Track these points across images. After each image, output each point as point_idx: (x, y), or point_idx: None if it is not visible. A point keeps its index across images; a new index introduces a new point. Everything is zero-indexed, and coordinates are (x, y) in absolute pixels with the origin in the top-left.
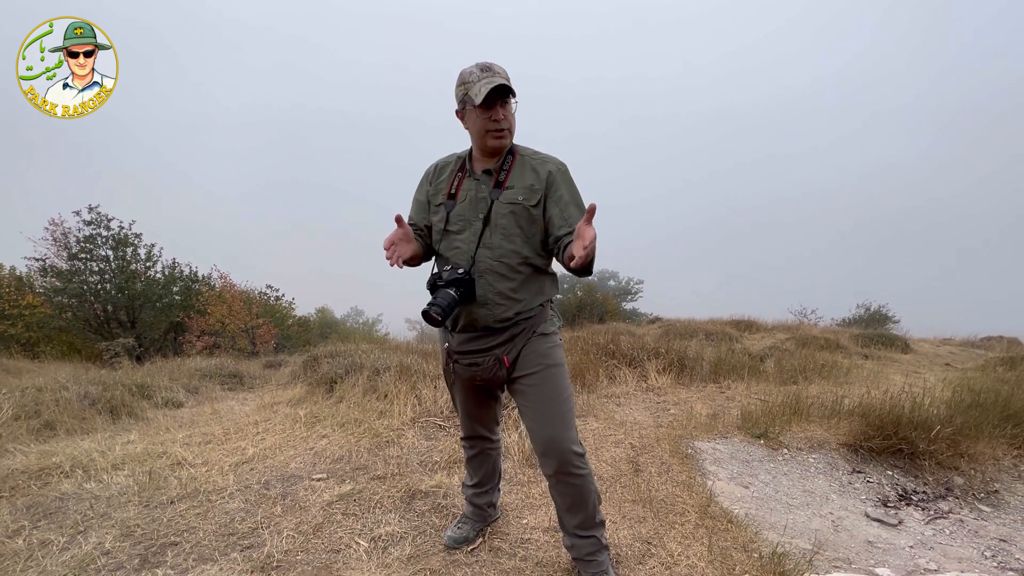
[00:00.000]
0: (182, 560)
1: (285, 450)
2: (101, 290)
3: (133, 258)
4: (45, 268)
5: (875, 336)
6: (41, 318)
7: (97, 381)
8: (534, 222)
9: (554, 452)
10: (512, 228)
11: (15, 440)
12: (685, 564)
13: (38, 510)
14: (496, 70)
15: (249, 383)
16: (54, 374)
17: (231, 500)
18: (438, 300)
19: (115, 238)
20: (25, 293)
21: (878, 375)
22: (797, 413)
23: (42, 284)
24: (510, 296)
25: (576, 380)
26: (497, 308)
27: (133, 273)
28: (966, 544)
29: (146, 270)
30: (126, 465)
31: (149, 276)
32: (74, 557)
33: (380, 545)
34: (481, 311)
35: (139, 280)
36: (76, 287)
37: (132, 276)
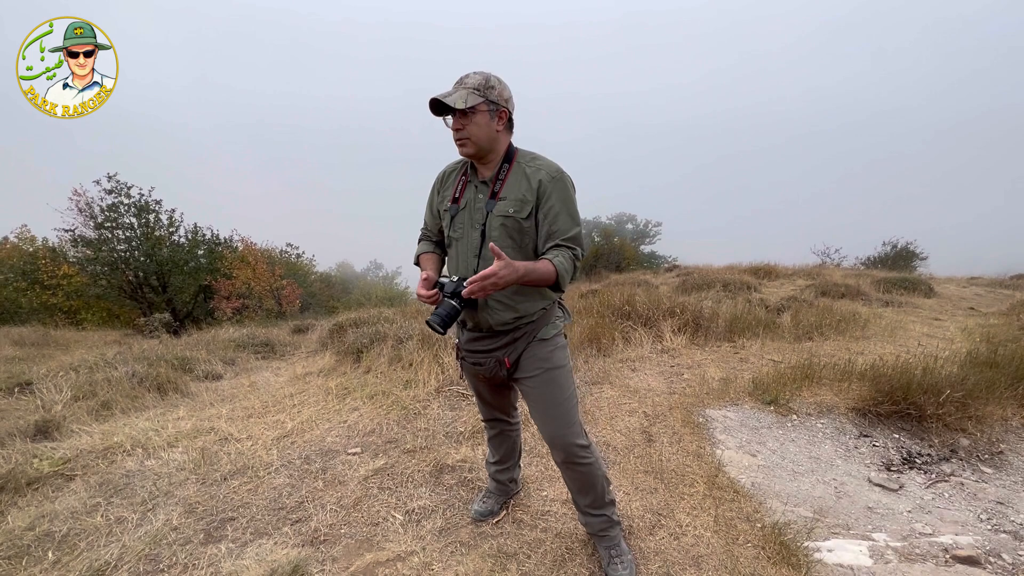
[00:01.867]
0: (241, 534)
1: (320, 423)
2: (130, 258)
3: (156, 224)
4: (75, 239)
5: (897, 281)
6: (78, 287)
7: (141, 357)
8: (525, 233)
9: (559, 446)
10: (504, 240)
11: (78, 421)
12: (692, 534)
13: (109, 487)
14: (467, 83)
15: (280, 351)
16: (101, 349)
17: (277, 475)
18: (439, 311)
19: (136, 205)
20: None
21: (896, 327)
22: (808, 377)
23: (75, 255)
24: (507, 303)
25: (592, 345)
26: (496, 313)
27: (158, 239)
28: (963, 507)
29: (170, 235)
30: (179, 443)
31: (173, 241)
32: (148, 533)
33: (414, 518)
34: (483, 315)
35: (164, 246)
36: (106, 255)
37: (157, 242)
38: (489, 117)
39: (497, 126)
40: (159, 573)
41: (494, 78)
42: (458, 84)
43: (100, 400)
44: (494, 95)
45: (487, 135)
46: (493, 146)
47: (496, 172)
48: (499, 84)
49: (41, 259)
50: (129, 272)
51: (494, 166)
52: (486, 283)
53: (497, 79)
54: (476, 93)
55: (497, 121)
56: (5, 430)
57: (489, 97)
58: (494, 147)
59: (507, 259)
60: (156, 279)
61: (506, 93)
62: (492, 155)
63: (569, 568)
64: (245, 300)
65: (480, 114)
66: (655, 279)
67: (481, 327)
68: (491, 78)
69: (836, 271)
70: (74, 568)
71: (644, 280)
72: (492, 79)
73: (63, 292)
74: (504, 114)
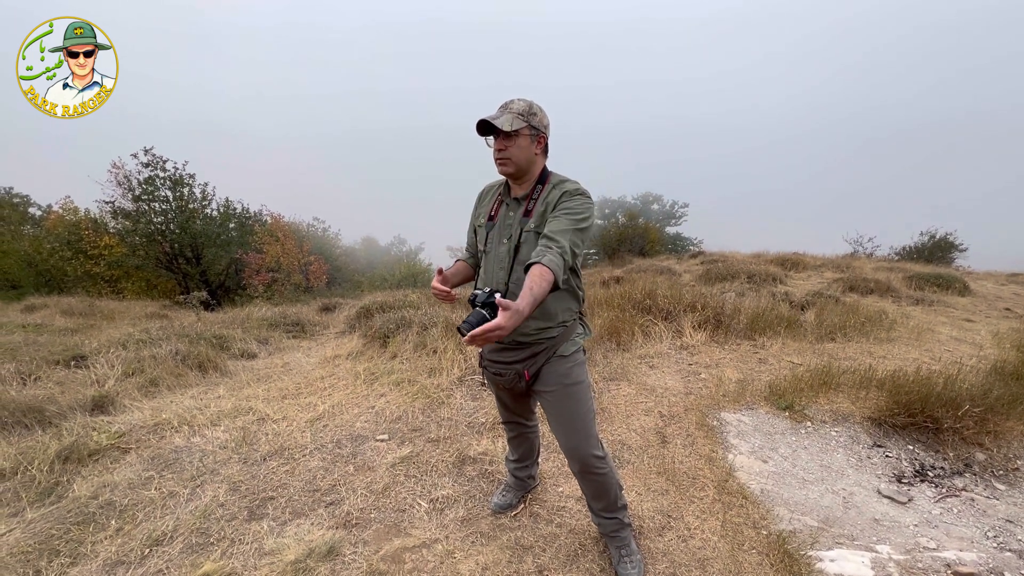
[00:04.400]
0: (280, 513)
1: (350, 408)
2: (166, 230)
3: (190, 198)
4: (115, 210)
5: (930, 277)
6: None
7: (183, 334)
8: None
9: (576, 457)
10: (528, 256)
11: (129, 396)
12: (699, 538)
13: (160, 462)
14: (511, 108)
15: (310, 331)
16: (144, 323)
17: (311, 458)
18: (470, 319)
19: (171, 179)
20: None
21: (924, 329)
22: (826, 383)
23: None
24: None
25: (611, 339)
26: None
27: (192, 212)
28: (971, 524)
29: (203, 208)
30: (221, 422)
31: (206, 215)
32: (197, 508)
33: (438, 507)
34: None
35: (197, 218)
36: (144, 227)
37: (191, 215)
38: (529, 141)
39: (536, 150)
40: (209, 546)
41: (536, 105)
42: (503, 108)
43: (148, 377)
44: (535, 121)
45: (526, 157)
46: (530, 168)
47: (530, 191)
48: (540, 112)
49: (84, 229)
50: (165, 243)
51: (528, 186)
52: (491, 335)
53: (539, 107)
54: (520, 118)
55: (536, 145)
56: (66, 403)
57: (531, 123)
58: (530, 168)
59: (514, 307)
60: (190, 251)
61: (546, 120)
62: (528, 176)
63: (581, 564)
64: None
65: (522, 137)
66: (679, 266)
67: (502, 338)
68: (533, 105)
69: (867, 263)
70: (135, 536)
71: (667, 267)
72: (535, 106)
73: (105, 262)
74: (543, 139)
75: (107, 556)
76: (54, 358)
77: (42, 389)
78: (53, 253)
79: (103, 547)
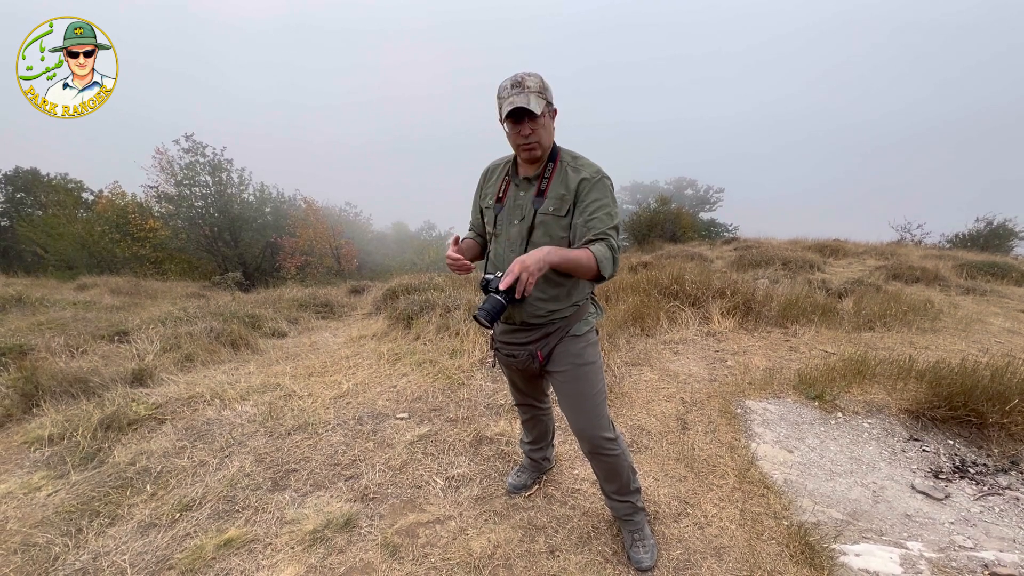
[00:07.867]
0: (302, 485)
1: (372, 387)
2: (206, 213)
3: (228, 182)
4: (159, 195)
5: (984, 266)
6: (163, 239)
7: (217, 313)
8: (564, 230)
9: (586, 438)
10: (543, 239)
11: (166, 371)
12: (716, 526)
13: (192, 432)
14: (527, 85)
15: (338, 312)
16: (183, 302)
17: (333, 434)
18: (486, 306)
19: (211, 164)
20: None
21: (973, 319)
22: (860, 373)
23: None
24: (543, 297)
25: (636, 324)
26: (531, 306)
27: (230, 197)
28: (1014, 524)
29: (240, 193)
30: (250, 397)
31: (243, 199)
32: (225, 477)
33: (453, 485)
34: (516, 308)
35: (235, 203)
36: (186, 211)
37: (229, 199)
38: (548, 119)
39: (553, 126)
40: (235, 513)
41: (543, 78)
42: (519, 87)
43: (184, 353)
44: (549, 95)
45: (550, 137)
46: (549, 147)
47: (542, 171)
48: (548, 83)
49: (131, 213)
50: (205, 227)
51: (539, 164)
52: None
53: (544, 78)
54: (540, 96)
55: (551, 121)
56: (109, 375)
57: (549, 99)
58: (549, 148)
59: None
60: (229, 234)
61: (551, 91)
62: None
63: (593, 546)
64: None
65: (545, 118)
66: (711, 252)
67: (515, 319)
68: (543, 78)
69: (914, 250)
70: (167, 501)
71: (698, 253)
72: (544, 79)
73: (150, 244)
74: (555, 113)
75: (141, 518)
76: (100, 333)
77: (88, 362)
78: (103, 236)
79: (138, 510)
